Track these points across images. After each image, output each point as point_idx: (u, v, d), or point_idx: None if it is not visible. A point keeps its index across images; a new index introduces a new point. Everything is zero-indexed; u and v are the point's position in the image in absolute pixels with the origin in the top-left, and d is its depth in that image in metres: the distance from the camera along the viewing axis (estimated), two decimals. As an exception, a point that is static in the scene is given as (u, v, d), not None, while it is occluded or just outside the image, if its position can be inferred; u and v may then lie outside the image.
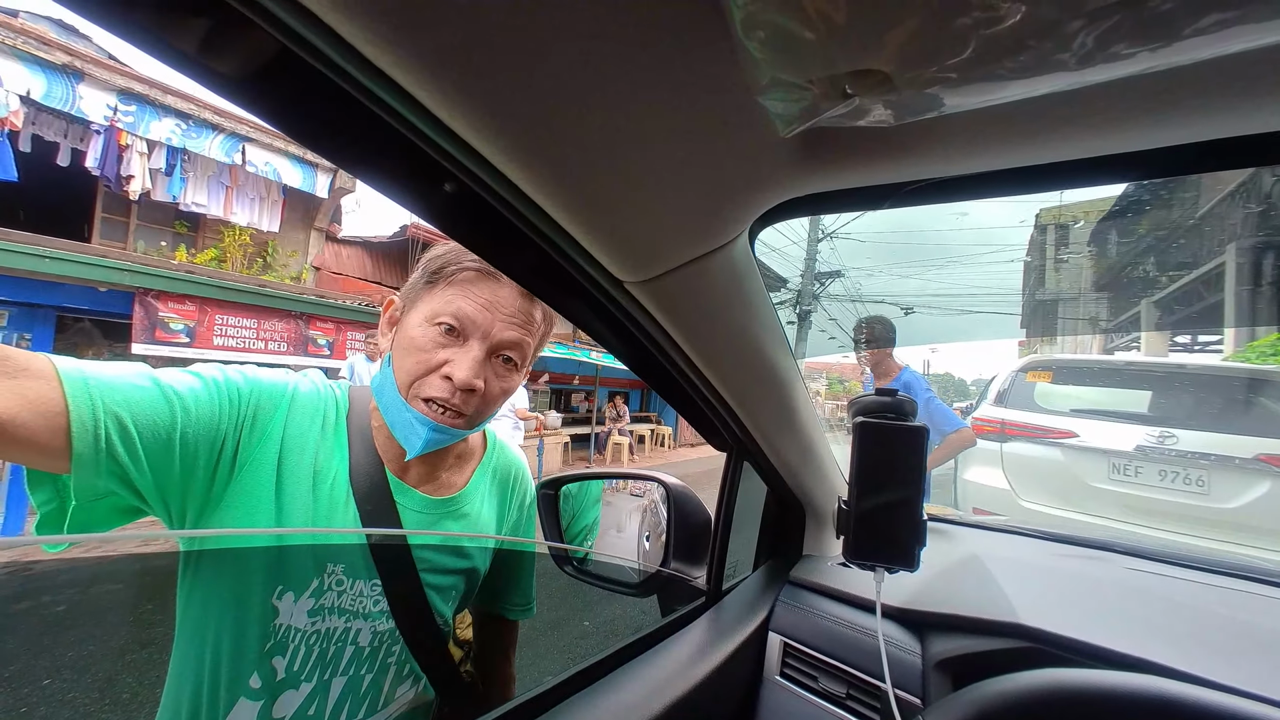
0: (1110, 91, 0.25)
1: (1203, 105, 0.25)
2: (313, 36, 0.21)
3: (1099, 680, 0.44)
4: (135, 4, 0.21)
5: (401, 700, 0.70)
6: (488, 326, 0.62)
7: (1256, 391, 3.09)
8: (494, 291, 0.63)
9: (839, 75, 0.22)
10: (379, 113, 0.25)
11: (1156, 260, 11.62)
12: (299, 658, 0.61)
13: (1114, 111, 0.27)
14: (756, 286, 0.48)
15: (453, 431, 0.64)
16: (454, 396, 0.61)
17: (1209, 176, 9.28)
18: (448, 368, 0.62)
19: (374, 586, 0.65)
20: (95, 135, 5.61)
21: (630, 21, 0.23)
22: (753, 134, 0.30)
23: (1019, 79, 0.20)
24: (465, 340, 0.63)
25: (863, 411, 0.62)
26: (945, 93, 0.22)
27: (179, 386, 0.55)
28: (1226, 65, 0.22)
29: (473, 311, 0.62)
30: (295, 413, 0.65)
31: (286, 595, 0.61)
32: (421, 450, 0.63)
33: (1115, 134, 0.28)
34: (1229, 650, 0.57)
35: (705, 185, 0.33)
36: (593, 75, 0.25)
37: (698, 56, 0.25)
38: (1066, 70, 0.19)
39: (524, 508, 0.84)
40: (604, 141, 0.28)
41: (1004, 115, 0.28)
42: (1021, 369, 3.67)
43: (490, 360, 0.64)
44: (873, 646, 0.68)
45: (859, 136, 0.32)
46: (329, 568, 0.63)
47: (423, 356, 0.62)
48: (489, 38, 0.22)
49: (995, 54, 0.19)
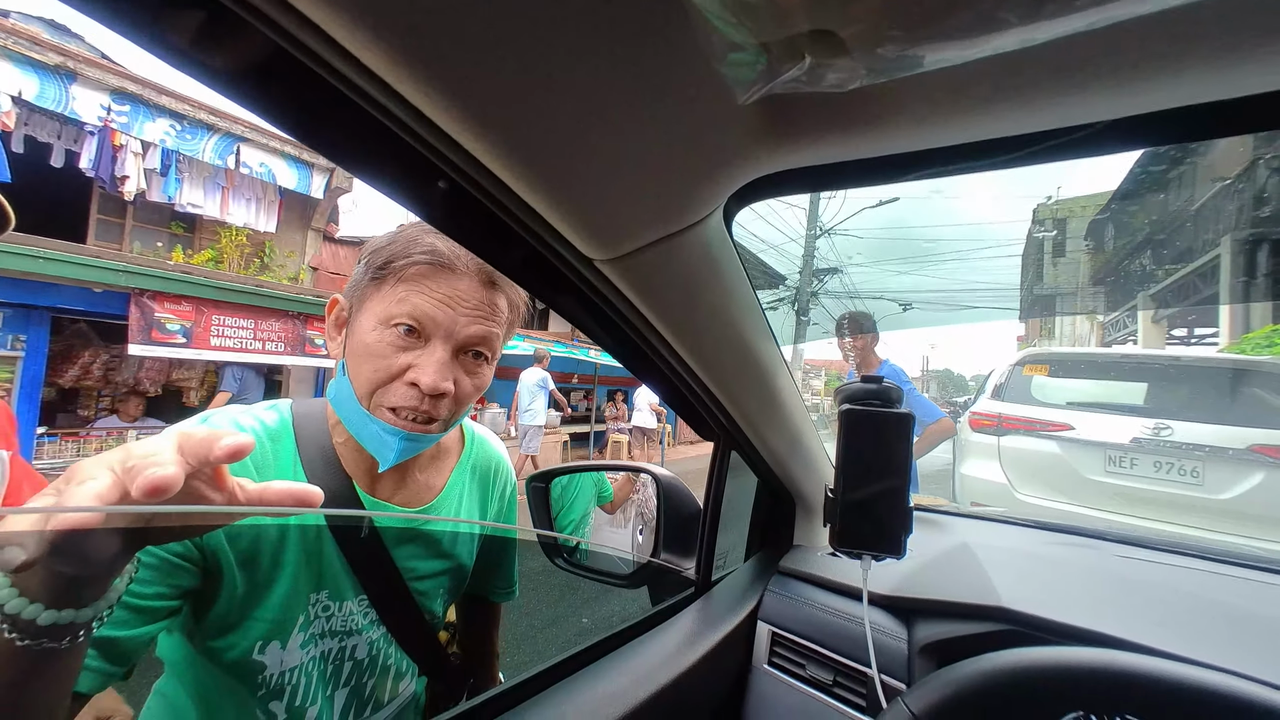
0: (1090, 52, 0.25)
1: (1206, 63, 0.24)
2: (288, 24, 0.21)
3: (1064, 656, 0.45)
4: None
5: (404, 693, 0.72)
6: (450, 324, 0.57)
7: (1250, 383, 3.10)
8: (452, 285, 0.57)
9: (792, 37, 0.22)
10: (344, 90, 0.25)
11: (1153, 254, 11.65)
12: (299, 691, 0.60)
13: (1098, 74, 0.26)
14: (734, 268, 0.47)
15: (427, 438, 0.60)
16: (423, 403, 0.57)
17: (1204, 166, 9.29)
18: (412, 373, 0.56)
19: (362, 602, 0.64)
20: (89, 136, 5.59)
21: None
22: (718, 108, 0.29)
23: (968, 37, 0.20)
24: (428, 341, 0.58)
25: (848, 399, 0.62)
26: (897, 54, 0.22)
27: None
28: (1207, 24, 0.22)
29: (432, 309, 0.56)
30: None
31: (271, 646, 0.58)
32: (396, 461, 0.59)
33: (1091, 102, 0.28)
34: (1207, 630, 0.58)
35: (672, 160, 0.32)
36: (550, 47, 0.24)
37: (655, 26, 0.25)
38: (1012, 27, 0.19)
39: (505, 498, 0.83)
40: (564, 114, 0.28)
41: (979, 80, 0.28)
42: (1018, 363, 3.68)
43: (458, 359, 0.59)
44: (860, 633, 0.68)
45: (827, 110, 0.31)
46: (313, 597, 0.61)
47: (382, 363, 0.57)
48: (447, 14, 0.22)
49: (938, 11, 0.18)
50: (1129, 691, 0.43)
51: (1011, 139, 0.33)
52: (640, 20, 0.24)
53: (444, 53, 0.24)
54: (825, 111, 0.31)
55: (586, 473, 1.21)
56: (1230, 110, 0.28)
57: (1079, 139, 0.32)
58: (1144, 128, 0.31)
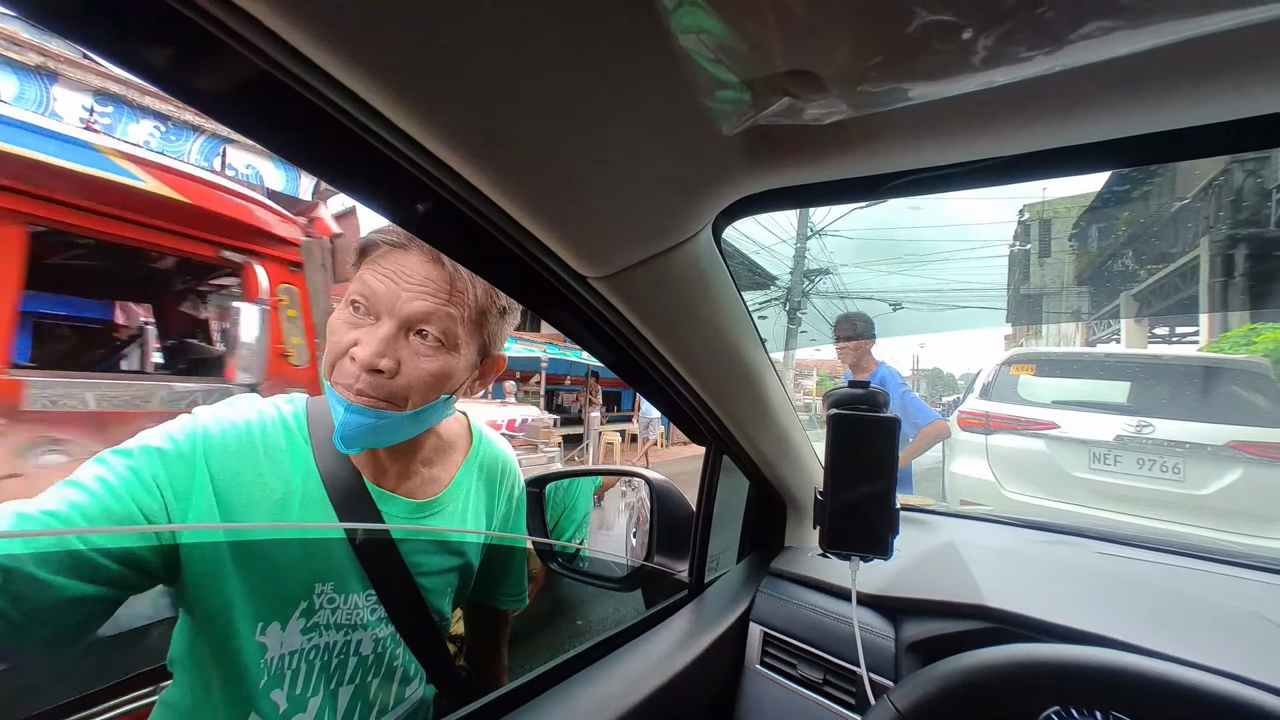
0: (1050, 87, 0.27)
1: (1164, 94, 0.26)
2: (263, 43, 0.22)
3: (1045, 653, 0.46)
4: (105, 22, 0.21)
5: (411, 699, 0.71)
6: (392, 299, 0.56)
7: (1229, 381, 3.18)
8: (399, 262, 0.57)
9: (773, 76, 0.24)
10: (334, 114, 0.26)
11: (1135, 254, 11.89)
12: (299, 680, 0.60)
13: (1058, 107, 0.28)
14: (723, 281, 0.49)
15: (377, 414, 0.57)
16: (359, 379, 0.56)
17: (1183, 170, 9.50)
18: (354, 349, 0.56)
19: (369, 597, 0.64)
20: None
21: (576, 19, 0.23)
22: (705, 131, 0.31)
23: (935, 79, 0.21)
24: (377, 318, 0.57)
25: (836, 404, 0.64)
26: (872, 91, 0.23)
27: (59, 506, 0.48)
28: (1185, 55, 0.24)
29: (376, 284, 0.57)
30: (215, 458, 0.58)
31: (271, 627, 0.59)
32: (344, 436, 0.58)
33: (1063, 128, 0.30)
34: (1187, 626, 0.60)
35: (661, 182, 0.34)
36: (544, 74, 0.25)
37: (644, 58, 0.26)
38: (975, 71, 0.20)
39: (513, 499, 0.83)
40: (558, 139, 0.29)
41: (952, 110, 0.29)
42: (1006, 362, 3.74)
43: (407, 339, 0.58)
44: (849, 633, 0.69)
45: (809, 134, 0.33)
46: (318, 588, 0.61)
47: (334, 339, 0.58)
48: (438, 39, 0.23)
49: (906, 56, 0.20)
50: (1109, 687, 0.44)
51: (983, 161, 0.35)
52: (630, 52, 0.25)
53: (439, 77, 0.24)
54: (807, 136, 0.33)
55: (583, 477, 1.22)
56: (1184, 138, 0.30)
57: (1046, 162, 0.34)
58: (1109, 151, 0.33)
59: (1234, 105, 0.26)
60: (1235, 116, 0.27)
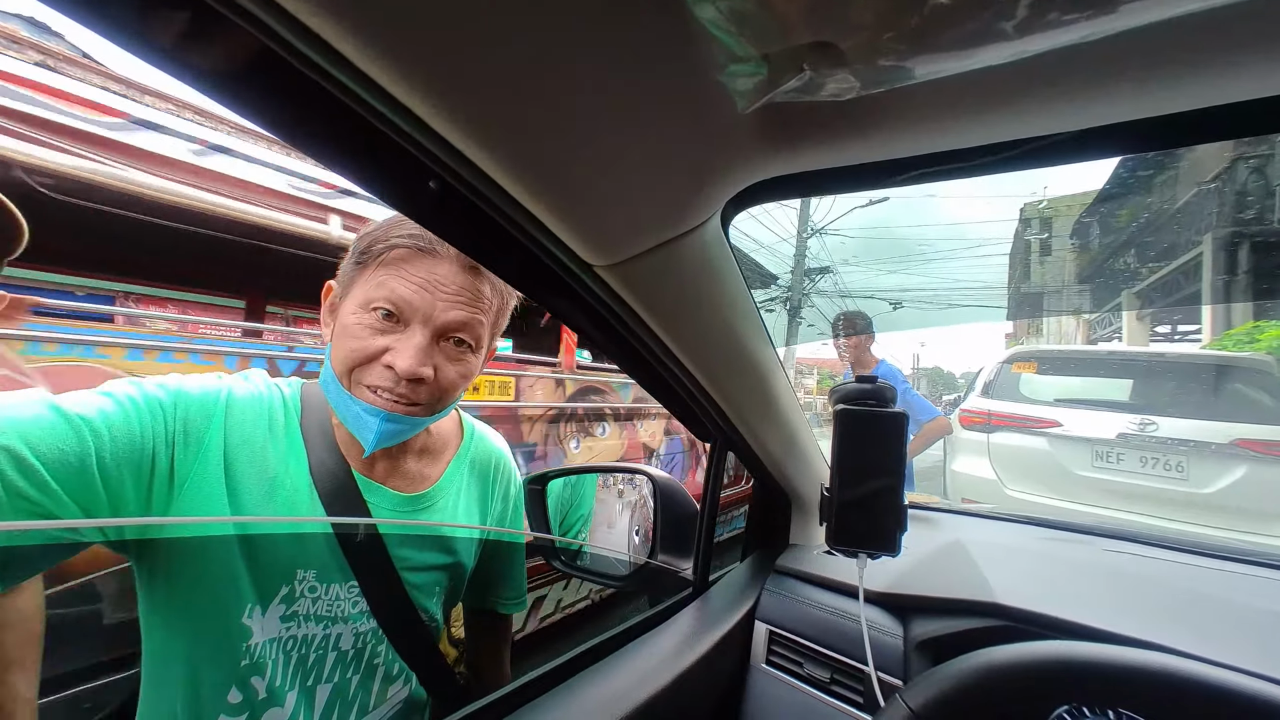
0: (1078, 63, 0.26)
1: (1184, 74, 0.25)
2: (278, 26, 0.21)
3: (1059, 650, 0.45)
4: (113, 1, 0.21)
5: (395, 699, 0.69)
6: (428, 309, 0.57)
7: (1232, 378, 3.16)
8: (431, 270, 0.57)
9: (792, 49, 0.23)
10: (339, 95, 0.25)
11: (1137, 252, 11.85)
12: (279, 670, 0.59)
13: (1084, 84, 0.27)
14: (731, 272, 0.48)
15: (410, 420, 0.59)
16: (399, 385, 0.57)
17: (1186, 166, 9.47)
18: (388, 356, 0.57)
19: (351, 589, 0.63)
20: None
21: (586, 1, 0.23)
22: (716, 115, 0.30)
23: (964, 49, 0.20)
24: (406, 325, 0.58)
25: (843, 399, 0.63)
26: (895, 65, 0.22)
27: (85, 410, 0.50)
28: (1205, 31, 0.23)
29: (410, 294, 0.57)
30: (234, 419, 0.60)
31: (255, 610, 0.58)
32: (376, 444, 0.58)
33: (1087, 108, 0.28)
34: (1198, 624, 0.59)
35: (671, 167, 0.33)
36: (550, 57, 0.24)
37: (655, 36, 0.25)
38: (1008, 40, 0.19)
39: (509, 498, 0.81)
40: (565, 122, 0.28)
41: (971, 90, 0.28)
42: (1007, 360, 3.73)
43: (439, 345, 0.59)
44: (856, 631, 0.68)
45: (823, 117, 0.32)
46: (300, 574, 0.60)
47: (358, 344, 0.57)
48: (448, 23, 0.22)
49: (937, 25, 0.19)
50: (1123, 685, 0.43)
51: (1003, 144, 0.34)
52: (641, 29, 0.24)
53: (444, 59, 0.24)
54: (821, 118, 0.32)
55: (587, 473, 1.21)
56: (1215, 116, 0.29)
57: (1068, 144, 0.33)
58: (1130, 134, 0.32)
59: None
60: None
